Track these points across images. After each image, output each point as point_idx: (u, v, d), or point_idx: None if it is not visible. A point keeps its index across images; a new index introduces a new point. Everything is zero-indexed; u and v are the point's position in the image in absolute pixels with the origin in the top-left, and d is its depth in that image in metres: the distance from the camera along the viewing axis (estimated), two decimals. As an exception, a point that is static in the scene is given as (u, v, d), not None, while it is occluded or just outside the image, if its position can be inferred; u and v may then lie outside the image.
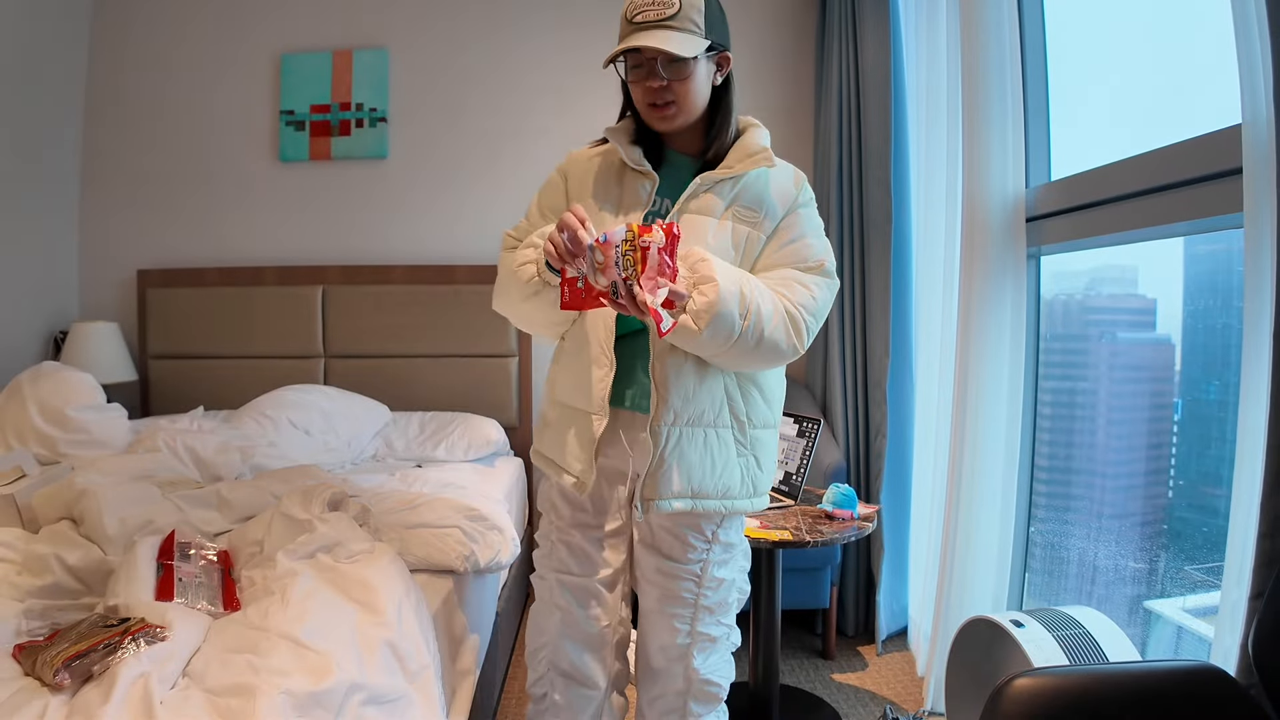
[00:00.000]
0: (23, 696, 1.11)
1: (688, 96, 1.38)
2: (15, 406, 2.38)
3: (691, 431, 1.41)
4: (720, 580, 1.53)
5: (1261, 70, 1.15)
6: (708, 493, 1.43)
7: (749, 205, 1.44)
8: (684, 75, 1.35)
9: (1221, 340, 1.68)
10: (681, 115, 1.40)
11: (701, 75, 1.38)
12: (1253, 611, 1.13)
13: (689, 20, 1.33)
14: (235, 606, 1.43)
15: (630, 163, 1.44)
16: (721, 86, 1.44)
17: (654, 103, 1.38)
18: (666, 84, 1.36)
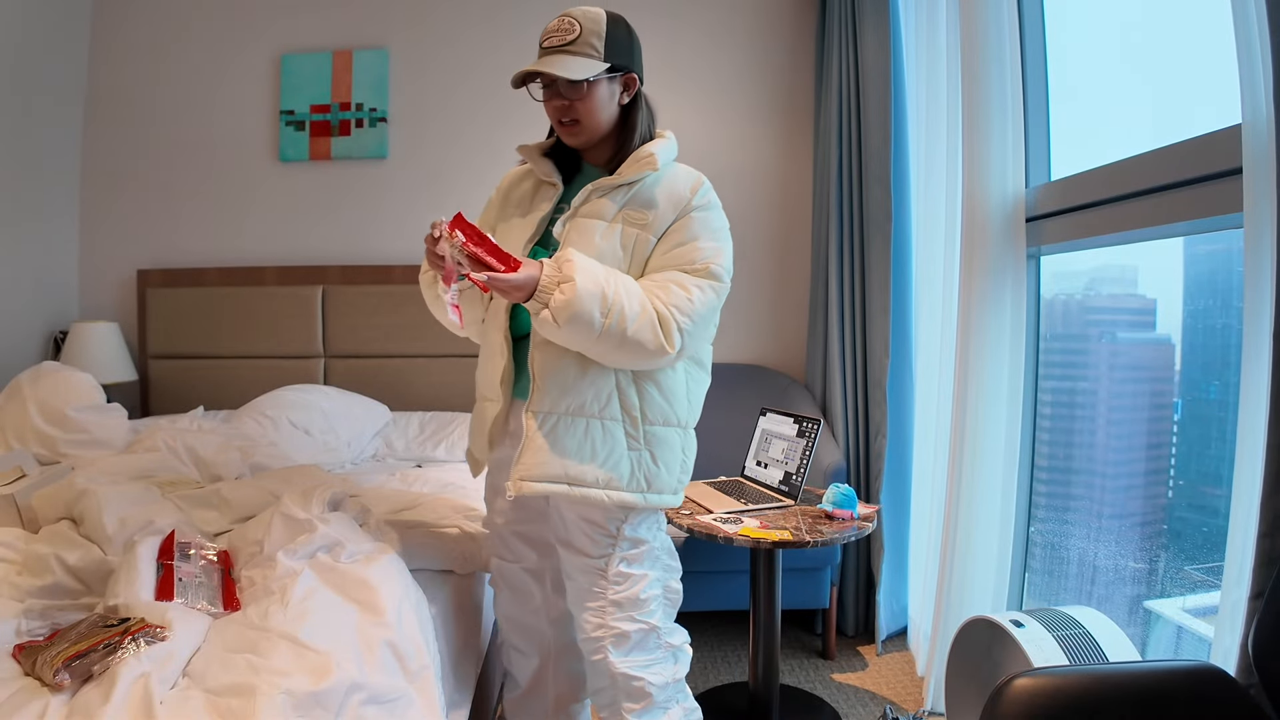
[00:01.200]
0: (23, 696, 1.11)
1: (590, 115, 1.49)
2: (15, 406, 2.38)
3: (571, 421, 1.48)
4: (628, 575, 1.56)
5: (1261, 70, 1.15)
6: (586, 480, 1.47)
7: (639, 208, 1.52)
8: (580, 96, 1.47)
9: (1221, 340, 1.68)
10: (585, 132, 1.51)
11: (603, 95, 1.50)
12: (1252, 611, 1.13)
13: (588, 45, 1.46)
14: (235, 606, 1.42)
15: (540, 175, 1.59)
16: (629, 105, 1.55)
17: (560, 120, 1.51)
18: (569, 103, 1.48)
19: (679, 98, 3.16)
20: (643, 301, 1.41)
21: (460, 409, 3.02)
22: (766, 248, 3.17)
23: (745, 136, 3.15)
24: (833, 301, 2.77)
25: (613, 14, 1.54)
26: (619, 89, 1.53)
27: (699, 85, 3.16)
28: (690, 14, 3.15)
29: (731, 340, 3.18)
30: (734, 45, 3.15)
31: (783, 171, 3.15)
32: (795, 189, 3.15)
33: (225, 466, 2.21)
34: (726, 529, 1.89)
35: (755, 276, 3.17)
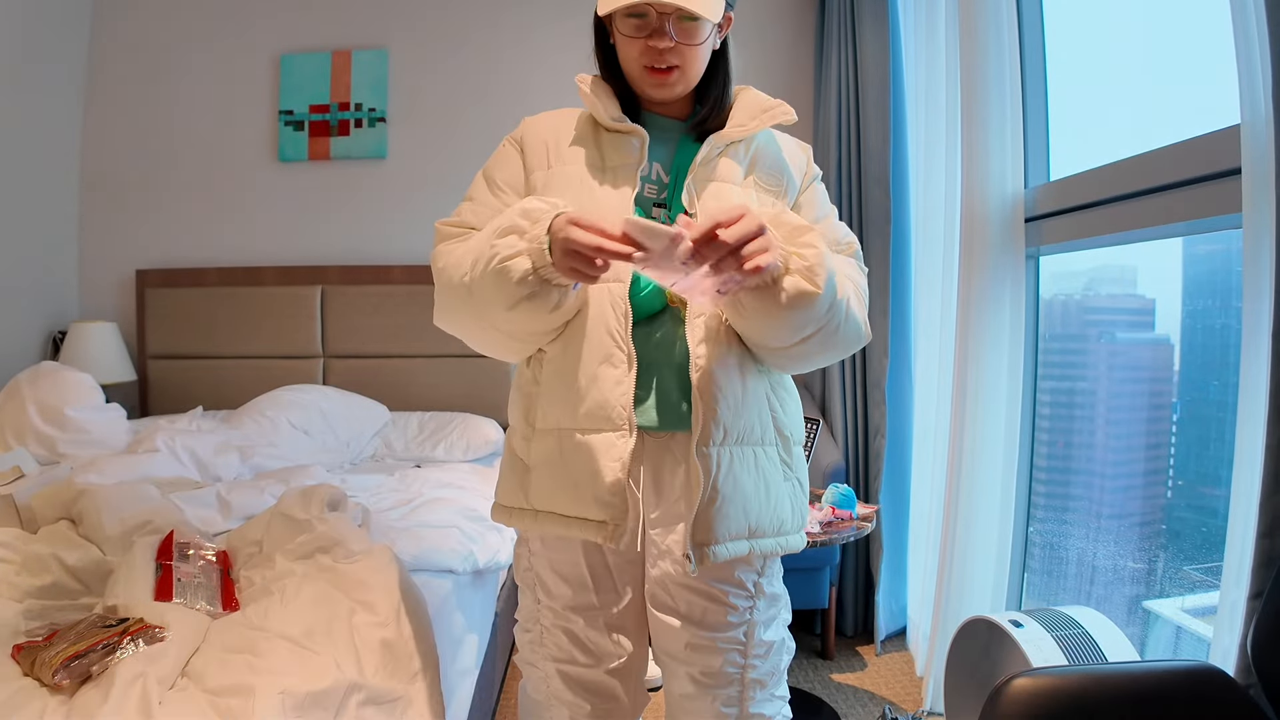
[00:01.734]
0: (22, 697, 1.11)
1: (694, 62, 1.18)
2: (14, 406, 2.38)
3: (742, 452, 1.13)
4: (770, 644, 1.21)
5: (1260, 70, 1.15)
6: (765, 530, 1.15)
7: (770, 172, 1.25)
8: (697, 39, 1.15)
9: (1220, 340, 1.68)
10: (683, 83, 1.20)
11: (710, 40, 1.20)
12: (1251, 611, 1.13)
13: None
14: (234, 607, 1.42)
15: (610, 119, 1.20)
16: (720, 49, 1.25)
17: (655, 65, 1.16)
18: (674, 44, 1.14)
19: (678, 98, 3.15)
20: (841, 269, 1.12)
21: (460, 409, 3.01)
22: (766, 248, 3.16)
23: (744, 137, 3.15)
24: (832, 302, 2.77)
25: None
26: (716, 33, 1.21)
27: (698, 85, 3.15)
28: (689, 14, 3.14)
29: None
30: (734, 45, 3.13)
31: (782, 172, 3.15)
32: (794, 189, 3.14)
33: (224, 467, 2.21)
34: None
35: (754, 277, 3.16)
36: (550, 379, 1.15)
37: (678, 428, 1.12)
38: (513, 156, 1.26)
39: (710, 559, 1.09)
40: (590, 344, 1.10)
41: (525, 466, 1.18)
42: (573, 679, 1.21)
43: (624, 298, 1.10)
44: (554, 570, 1.20)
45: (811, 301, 1.00)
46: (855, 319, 1.11)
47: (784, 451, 1.19)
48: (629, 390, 1.09)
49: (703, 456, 1.09)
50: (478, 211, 1.23)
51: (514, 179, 1.24)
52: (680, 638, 1.17)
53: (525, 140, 1.26)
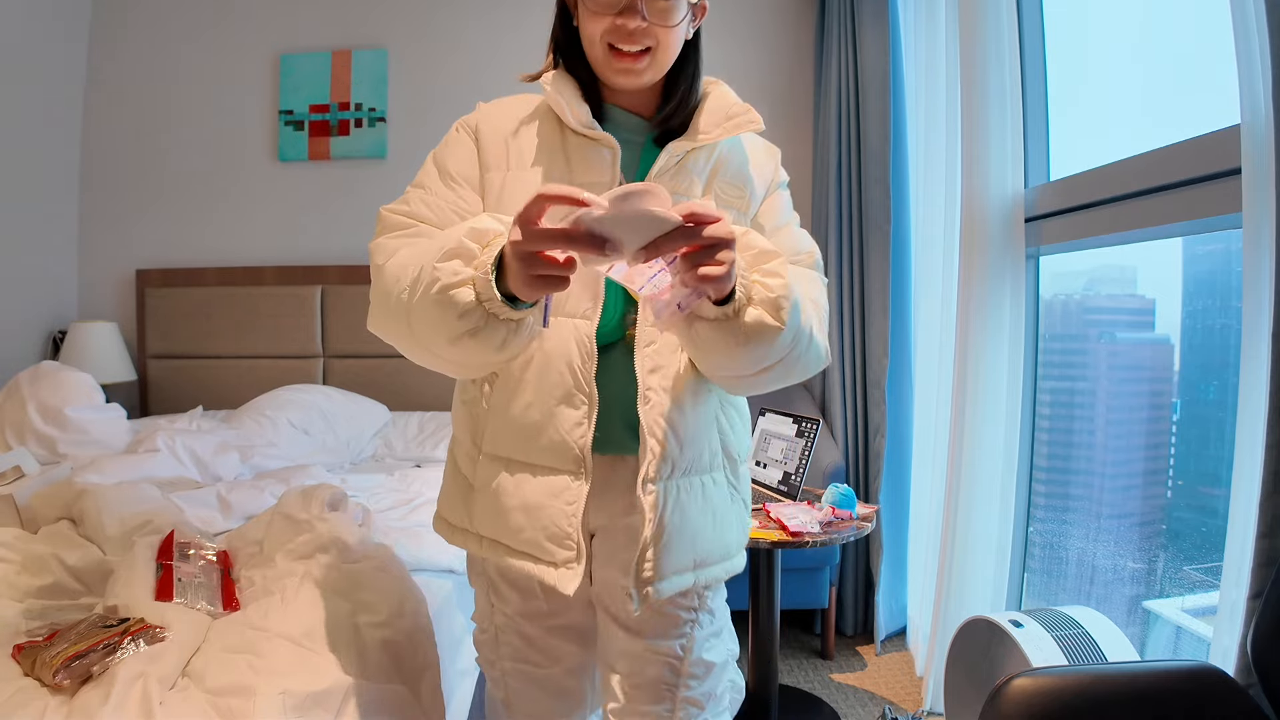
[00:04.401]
0: (22, 697, 1.11)
1: (666, 48, 1.06)
2: (14, 406, 2.38)
3: (689, 483, 1.07)
4: (709, 665, 1.16)
5: (1260, 70, 1.15)
6: (711, 559, 1.10)
7: (732, 182, 1.15)
8: (672, 21, 1.05)
9: (1220, 340, 1.68)
10: (652, 70, 1.08)
11: (685, 24, 1.09)
12: (1251, 611, 1.14)
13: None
14: (235, 607, 1.42)
15: (580, 125, 1.09)
16: (692, 40, 1.13)
17: (623, 47, 1.04)
18: (646, 25, 1.03)
19: (678, 98, 3.15)
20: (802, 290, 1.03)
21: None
22: (766, 248, 3.17)
23: (744, 136, 3.15)
24: (832, 302, 2.77)
25: None
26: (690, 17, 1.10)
27: (698, 85, 3.15)
28: (689, 14, 3.15)
29: (731, 340, 3.18)
30: (734, 45, 3.14)
31: (782, 171, 3.15)
32: (795, 189, 3.08)
33: (224, 467, 2.21)
34: (726, 529, 1.89)
35: (754, 276, 3.17)
36: (502, 404, 1.07)
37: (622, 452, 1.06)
38: (466, 145, 1.15)
39: (654, 596, 1.04)
40: (550, 379, 1.03)
41: (470, 486, 1.13)
42: (530, 678, 1.19)
43: (591, 336, 1.02)
44: (504, 577, 1.16)
45: (774, 336, 0.91)
46: (817, 345, 1.02)
47: (731, 474, 1.14)
48: (588, 434, 1.02)
49: (648, 493, 1.02)
50: (429, 202, 1.11)
51: (468, 171, 1.13)
52: (616, 643, 1.14)
53: (481, 131, 1.15)
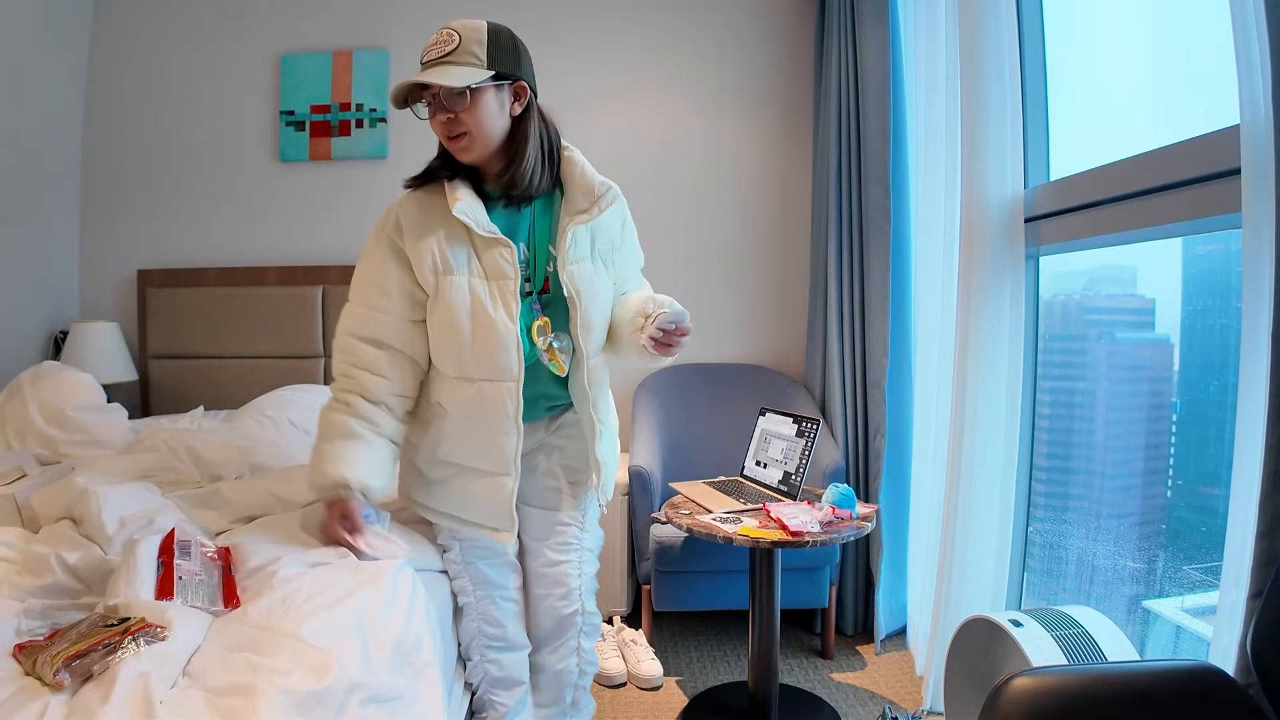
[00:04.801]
0: (22, 696, 1.11)
1: (479, 126, 1.45)
2: (16, 406, 2.38)
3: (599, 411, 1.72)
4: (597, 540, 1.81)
5: (1260, 71, 1.16)
6: None
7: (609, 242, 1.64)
8: (469, 108, 1.43)
9: (1220, 340, 1.68)
10: (478, 145, 1.47)
11: (492, 105, 1.46)
12: (1251, 611, 1.14)
13: (468, 54, 1.43)
14: (235, 604, 1.43)
15: (484, 232, 1.49)
16: (521, 115, 1.51)
17: (448, 135, 1.46)
18: (454, 116, 1.43)
19: (679, 98, 3.16)
20: None
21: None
22: (766, 248, 3.17)
23: (745, 136, 3.16)
24: (832, 302, 2.77)
25: (494, 24, 1.51)
26: (509, 99, 1.50)
27: (699, 85, 3.16)
28: (691, 14, 3.15)
29: (731, 340, 3.18)
30: (734, 46, 3.15)
31: (782, 172, 3.15)
32: (795, 189, 3.15)
33: (225, 466, 2.21)
34: (726, 529, 1.89)
35: (755, 277, 3.17)
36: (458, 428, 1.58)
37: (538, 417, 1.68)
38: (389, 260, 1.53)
39: None
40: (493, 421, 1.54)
41: (427, 480, 1.65)
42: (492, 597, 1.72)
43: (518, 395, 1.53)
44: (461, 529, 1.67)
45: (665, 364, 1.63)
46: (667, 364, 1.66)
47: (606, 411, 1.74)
48: (518, 447, 1.55)
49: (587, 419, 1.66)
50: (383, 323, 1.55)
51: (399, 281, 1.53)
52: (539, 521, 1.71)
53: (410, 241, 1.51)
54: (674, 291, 3.16)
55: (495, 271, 1.51)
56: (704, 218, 3.18)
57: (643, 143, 3.17)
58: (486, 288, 1.50)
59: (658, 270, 3.18)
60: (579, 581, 1.74)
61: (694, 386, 3.03)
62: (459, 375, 1.55)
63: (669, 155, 3.17)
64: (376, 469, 1.53)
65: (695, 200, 3.17)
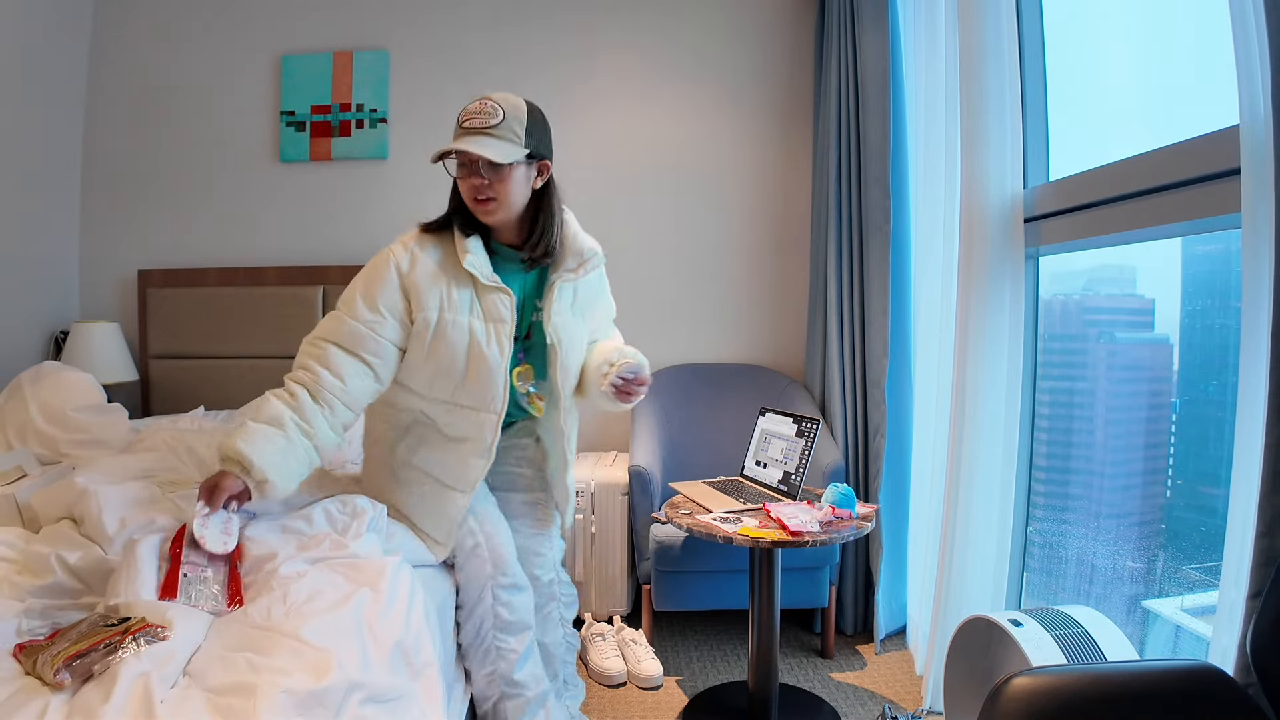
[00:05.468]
0: (23, 696, 1.11)
1: (507, 195, 1.62)
2: (16, 406, 2.38)
3: None
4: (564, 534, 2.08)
5: (1259, 71, 1.16)
6: None
7: (588, 299, 1.83)
8: (502, 178, 1.60)
9: (1219, 340, 1.68)
10: (502, 211, 1.64)
11: (520, 178, 1.63)
12: (1251, 611, 1.14)
13: (510, 130, 1.59)
14: (239, 602, 1.43)
15: (488, 281, 1.67)
16: (542, 189, 1.70)
17: (477, 198, 1.62)
18: (488, 183, 1.59)
19: (679, 98, 3.16)
20: None
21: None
22: (766, 248, 3.17)
23: (745, 136, 3.16)
24: (832, 302, 2.77)
25: (531, 103, 1.67)
26: (534, 174, 1.67)
27: (699, 85, 3.16)
28: (691, 14, 3.15)
29: (731, 340, 3.18)
30: (734, 45, 3.15)
31: (782, 172, 3.15)
32: (794, 189, 3.15)
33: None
34: (726, 529, 1.89)
35: (754, 277, 3.17)
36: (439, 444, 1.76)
37: None
38: (391, 284, 1.65)
39: None
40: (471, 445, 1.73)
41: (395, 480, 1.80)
42: None
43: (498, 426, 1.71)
44: None
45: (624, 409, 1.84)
46: None
47: None
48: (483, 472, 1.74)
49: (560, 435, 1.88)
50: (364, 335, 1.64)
51: (394, 305, 1.66)
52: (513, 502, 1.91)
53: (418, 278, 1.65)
54: (674, 291, 3.18)
55: (494, 315, 1.67)
56: (704, 217, 3.18)
57: (643, 142, 3.17)
58: (484, 328, 1.67)
59: (658, 270, 3.20)
60: (553, 554, 1.93)
61: (694, 386, 3.03)
62: (450, 401, 1.71)
63: (669, 155, 3.17)
64: (286, 470, 1.54)
65: (695, 200, 3.17)
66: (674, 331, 3.19)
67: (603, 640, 2.49)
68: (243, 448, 1.49)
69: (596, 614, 2.73)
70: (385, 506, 1.77)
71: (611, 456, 3.04)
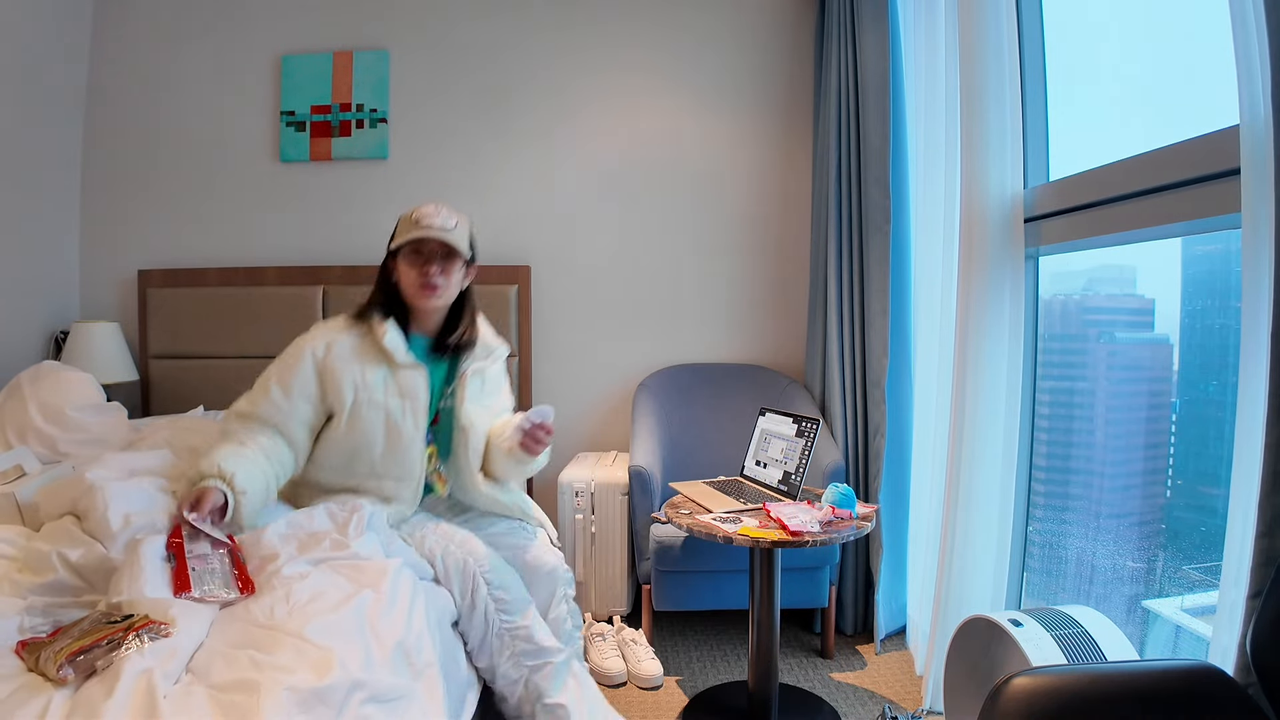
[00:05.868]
0: (26, 692, 1.11)
1: (450, 285, 1.88)
2: (16, 405, 2.38)
3: None
4: None
5: (1259, 71, 1.16)
6: None
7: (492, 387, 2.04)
8: (450, 270, 1.87)
9: (1219, 340, 1.69)
10: (442, 297, 1.88)
11: (459, 275, 1.90)
12: (1251, 611, 1.14)
13: (464, 234, 1.89)
14: (251, 590, 1.43)
15: (402, 360, 1.86)
16: (467, 289, 1.97)
17: (425, 284, 1.84)
18: (440, 270, 1.84)
19: (679, 98, 3.16)
20: None
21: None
22: (766, 248, 3.17)
23: (745, 137, 3.16)
24: (832, 302, 2.78)
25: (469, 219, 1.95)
26: (466, 275, 1.94)
27: (699, 85, 3.16)
28: (691, 14, 3.15)
29: (731, 340, 3.19)
30: (734, 46, 3.15)
31: (782, 172, 3.16)
32: (794, 190, 3.15)
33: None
34: (726, 528, 1.89)
35: (754, 277, 3.18)
36: None
37: None
38: (306, 370, 1.83)
39: None
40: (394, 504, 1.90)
41: None
42: None
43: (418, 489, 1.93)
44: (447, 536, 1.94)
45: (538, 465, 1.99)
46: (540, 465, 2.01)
47: None
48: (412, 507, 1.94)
49: None
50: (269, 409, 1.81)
51: (308, 389, 1.83)
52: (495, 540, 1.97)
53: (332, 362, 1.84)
54: (674, 291, 3.19)
55: (409, 391, 1.86)
56: (704, 217, 3.18)
57: (643, 142, 3.17)
58: (400, 405, 1.85)
59: (658, 270, 3.20)
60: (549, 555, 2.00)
61: (694, 386, 3.03)
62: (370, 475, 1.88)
63: (669, 155, 3.17)
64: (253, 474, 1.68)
65: (695, 200, 3.17)
66: (674, 331, 3.19)
67: (603, 640, 2.49)
68: (222, 462, 1.64)
69: (596, 614, 2.73)
70: (383, 510, 1.78)
71: (611, 456, 3.04)
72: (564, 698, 1.78)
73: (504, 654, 1.76)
